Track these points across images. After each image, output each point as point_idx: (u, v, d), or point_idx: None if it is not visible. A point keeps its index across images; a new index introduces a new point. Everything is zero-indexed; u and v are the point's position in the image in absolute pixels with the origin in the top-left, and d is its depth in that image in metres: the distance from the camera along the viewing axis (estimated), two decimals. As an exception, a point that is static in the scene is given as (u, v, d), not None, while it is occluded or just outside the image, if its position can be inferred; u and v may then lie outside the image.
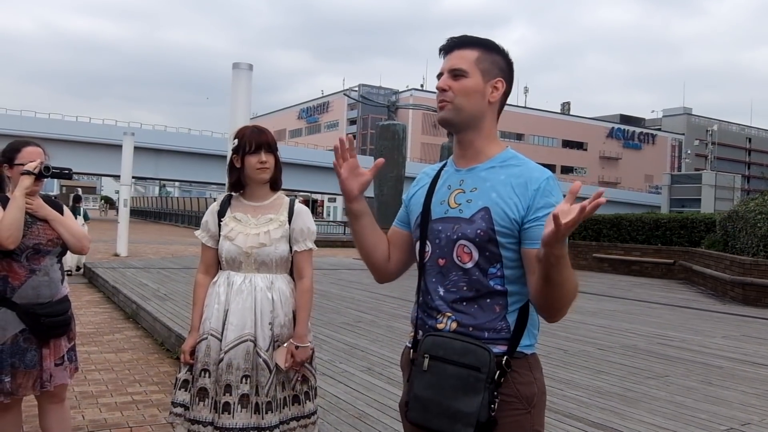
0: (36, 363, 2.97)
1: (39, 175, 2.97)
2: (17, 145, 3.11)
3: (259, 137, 2.70)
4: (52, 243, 3.06)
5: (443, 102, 1.78)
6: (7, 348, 2.91)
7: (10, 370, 2.92)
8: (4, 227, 2.83)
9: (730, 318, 9.22)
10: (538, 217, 1.67)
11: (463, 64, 1.77)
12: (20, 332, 2.94)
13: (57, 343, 3.06)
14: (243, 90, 12.28)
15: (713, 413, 4.36)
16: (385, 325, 7.23)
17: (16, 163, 3.03)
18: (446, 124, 1.81)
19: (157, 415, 4.41)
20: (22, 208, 2.90)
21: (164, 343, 6.55)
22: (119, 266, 12.62)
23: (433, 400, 1.67)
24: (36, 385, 3.00)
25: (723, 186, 46.81)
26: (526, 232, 1.69)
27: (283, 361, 2.60)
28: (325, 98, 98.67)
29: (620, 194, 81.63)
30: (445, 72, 1.79)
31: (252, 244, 2.67)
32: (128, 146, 18.18)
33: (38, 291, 2.98)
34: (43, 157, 3.07)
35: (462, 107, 1.77)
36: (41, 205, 3.07)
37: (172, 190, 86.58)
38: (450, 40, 1.84)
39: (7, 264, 2.94)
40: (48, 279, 3.03)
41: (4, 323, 2.92)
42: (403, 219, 1.98)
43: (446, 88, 1.77)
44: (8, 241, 2.84)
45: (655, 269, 15.40)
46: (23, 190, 2.91)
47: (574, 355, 5.99)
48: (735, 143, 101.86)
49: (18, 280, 2.95)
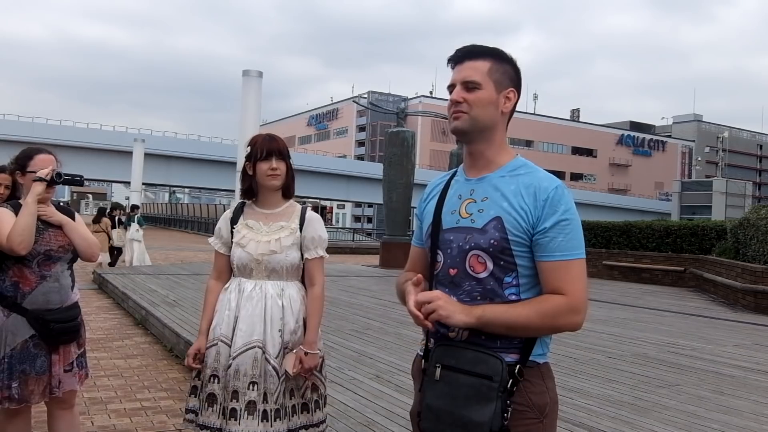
0: (46, 369, 2.99)
1: (51, 181, 3.00)
2: (30, 152, 3.14)
3: (270, 144, 2.71)
4: (63, 249, 3.08)
5: (458, 113, 1.77)
6: (17, 354, 2.93)
7: (21, 376, 2.92)
8: (16, 233, 2.85)
9: (742, 326, 9.14)
10: (546, 228, 1.69)
11: (476, 76, 1.76)
12: (30, 338, 2.95)
13: (66, 350, 3.07)
14: (253, 97, 12.36)
15: (725, 423, 4.31)
16: (393, 333, 7.22)
17: (29, 170, 3.06)
18: (461, 135, 1.81)
19: (165, 421, 4.41)
20: (34, 214, 2.92)
21: (173, 350, 6.56)
22: (129, 272, 12.67)
23: (445, 410, 1.66)
24: (45, 392, 3.01)
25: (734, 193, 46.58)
26: (537, 244, 1.70)
27: (292, 367, 2.60)
28: (335, 105, 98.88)
29: (630, 201, 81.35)
30: (458, 84, 1.78)
31: (263, 251, 2.68)
32: (139, 153, 18.33)
33: (48, 297, 3.00)
34: (55, 165, 3.10)
35: (477, 119, 1.77)
36: (54, 211, 3.10)
37: (182, 196, 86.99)
38: (460, 50, 1.82)
39: (19, 270, 2.97)
40: (58, 285, 3.05)
41: (15, 329, 2.93)
42: (421, 237, 1.97)
43: (461, 100, 1.76)
44: (20, 246, 2.86)
45: (666, 277, 15.30)
46: (35, 196, 2.94)
47: (584, 364, 5.95)
48: (746, 150, 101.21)
49: (29, 286, 2.97)
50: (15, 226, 2.87)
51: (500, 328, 1.67)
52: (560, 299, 1.67)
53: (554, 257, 1.68)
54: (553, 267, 1.68)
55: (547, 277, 1.69)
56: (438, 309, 1.64)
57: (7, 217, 2.94)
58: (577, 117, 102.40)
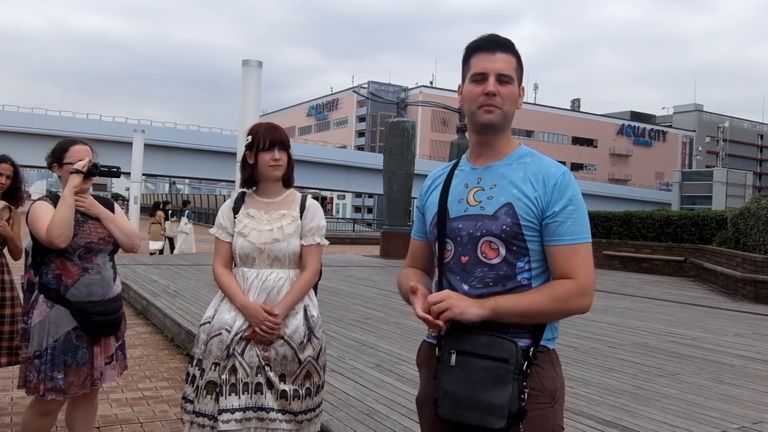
0: (87, 361, 3.01)
1: (88, 173, 2.98)
2: (65, 144, 3.14)
3: (272, 135, 2.71)
4: (104, 241, 3.07)
5: (492, 107, 1.78)
6: (60, 345, 2.94)
7: (63, 368, 2.94)
8: (55, 226, 2.86)
9: (742, 316, 9.16)
10: (556, 213, 1.73)
11: (509, 71, 1.79)
12: (72, 329, 2.97)
13: (107, 342, 3.10)
14: (253, 87, 12.32)
15: (725, 411, 4.33)
16: (394, 322, 7.23)
17: (65, 162, 3.05)
18: (492, 129, 1.81)
19: (167, 410, 4.43)
20: (71, 207, 2.92)
21: (174, 340, 6.57)
22: (130, 262, 12.68)
23: (463, 395, 1.68)
24: (86, 383, 3.02)
25: (734, 183, 46.56)
26: (546, 229, 1.74)
27: None
28: (335, 95, 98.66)
29: (630, 191, 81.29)
30: (492, 75, 1.77)
31: (265, 239, 2.68)
32: (138, 144, 18.35)
33: (90, 289, 3.01)
34: (92, 156, 3.08)
35: (508, 114, 1.81)
36: (93, 203, 3.09)
37: (182, 187, 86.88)
38: (489, 39, 1.81)
39: (61, 263, 2.98)
40: (100, 278, 3.05)
41: (58, 320, 2.95)
42: (422, 230, 1.98)
43: (496, 93, 1.77)
44: (59, 239, 2.86)
45: (666, 267, 15.31)
46: (72, 188, 2.93)
47: (584, 353, 5.97)
48: (746, 140, 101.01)
49: (71, 278, 2.98)
50: (53, 219, 2.87)
51: (514, 316, 1.70)
52: (570, 283, 1.72)
53: (563, 241, 1.73)
54: (562, 251, 1.73)
55: (557, 261, 1.74)
56: (451, 307, 1.66)
57: (46, 210, 2.95)
58: (578, 107, 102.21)
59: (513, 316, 1.70)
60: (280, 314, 2.62)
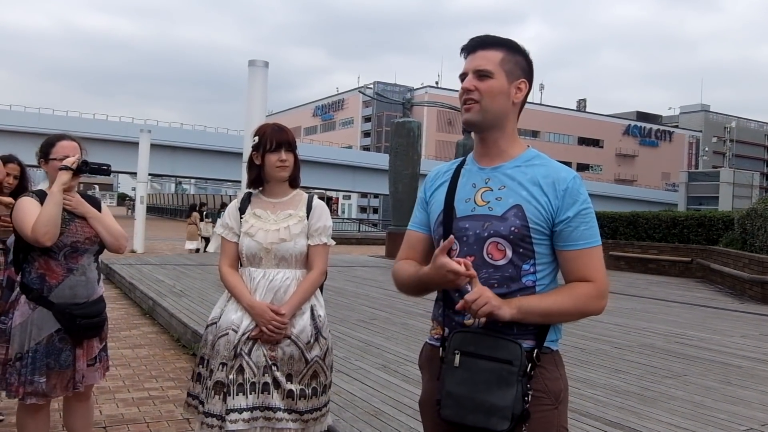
0: (70, 363, 2.93)
1: (77, 170, 2.89)
2: (52, 139, 3.03)
3: (279, 135, 2.71)
4: (90, 241, 2.99)
5: (470, 103, 1.78)
6: (42, 348, 2.86)
7: (45, 370, 2.87)
8: (41, 223, 2.75)
9: (749, 317, 9.12)
10: (570, 218, 1.74)
11: (488, 65, 1.78)
12: (56, 332, 2.88)
13: (90, 344, 3.02)
14: (259, 87, 12.32)
15: (732, 413, 4.30)
16: (399, 323, 7.22)
17: (51, 157, 2.96)
18: (471, 125, 1.82)
19: (173, 410, 4.43)
20: (59, 204, 2.82)
21: (180, 339, 6.58)
22: (136, 263, 12.72)
23: (466, 396, 1.67)
24: (69, 386, 2.95)
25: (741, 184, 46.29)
26: (560, 234, 1.75)
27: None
28: (340, 96, 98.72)
29: (637, 192, 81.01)
30: (470, 72, 1.79)
31: (272, 239, 2.68)
32: (145, 143, 18.34)
33: (75, 291, 2.92)
34: (80, 152, 2.99)
35: (488, 108, 1.78)
36: (80, 201, 2.99)
37: (188, 187, 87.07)
38: (473, 40, 1.83)
39: (45, 262, 2.89)
40: (85, 279, 2.97)
41: (41, 323, 2.86)
42: (424, 222, 1.95)
43: (472, 88, 1.78)
44: (45, 237, 2.76)
45: (673, 267, 15.26)
46: (60, 186, 2.83)
47: (591, 354, 5.95)
48: (753, 140, 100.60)
49: (55, 279, 2.89)
50: (40, 216, 2.77)
51: (536, 316, 1.71)
52: (590, 286, 1.75)
53: (578, 246, 1.74)
54: (577, 255, 1.75)
55: (572, 266, 1.76)
56: (490, 300, 1.64)
57: (32, 207, 2.84)
58: (584, 107, 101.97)
59: (535, 316, 1.71)
60: (287, 314, 2.62)
